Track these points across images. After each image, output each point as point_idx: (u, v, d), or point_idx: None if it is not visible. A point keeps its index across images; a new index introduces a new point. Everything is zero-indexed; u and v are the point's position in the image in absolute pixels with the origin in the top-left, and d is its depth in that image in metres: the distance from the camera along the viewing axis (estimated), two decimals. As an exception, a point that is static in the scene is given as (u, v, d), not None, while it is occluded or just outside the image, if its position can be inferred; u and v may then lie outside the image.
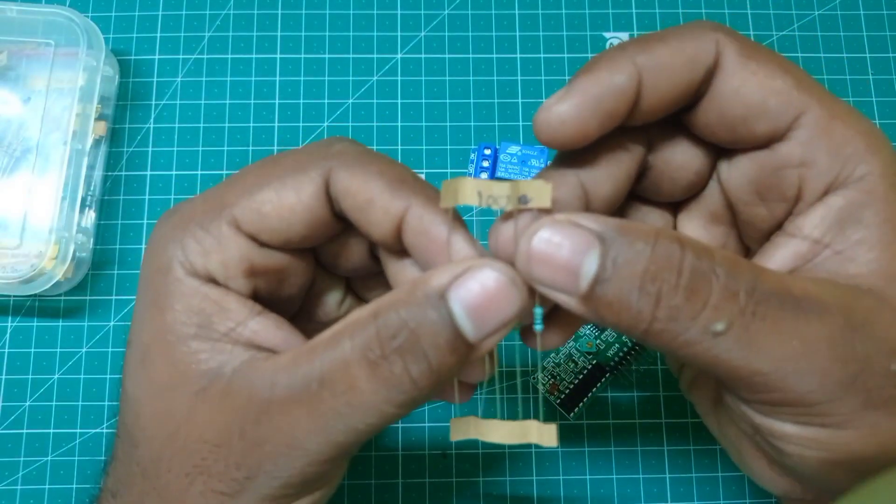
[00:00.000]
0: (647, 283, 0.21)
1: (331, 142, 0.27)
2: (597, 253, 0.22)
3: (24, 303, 0.48)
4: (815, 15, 0.54)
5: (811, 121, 0.24)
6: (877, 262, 0.23)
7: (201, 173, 0.50)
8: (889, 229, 0.23)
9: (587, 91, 0.23)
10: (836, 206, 0.24)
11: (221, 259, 0.25)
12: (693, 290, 0.21)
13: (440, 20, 0.53)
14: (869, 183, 0.24)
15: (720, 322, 0.21)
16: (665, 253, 0.21)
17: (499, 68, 0.52)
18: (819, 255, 0.24)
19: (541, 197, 0.23)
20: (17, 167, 0.47)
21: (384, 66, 0.52)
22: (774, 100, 0.24)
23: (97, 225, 0.49)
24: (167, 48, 0.52)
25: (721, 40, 0.24)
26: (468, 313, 0.23)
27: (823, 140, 0.24)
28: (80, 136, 0.47)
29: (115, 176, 0.50)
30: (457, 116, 0.51)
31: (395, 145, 0.51)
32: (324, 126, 0.51)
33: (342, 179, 0.25)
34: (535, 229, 0.22)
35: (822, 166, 0.24)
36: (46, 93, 0.48)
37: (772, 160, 0.25)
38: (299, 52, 0.52)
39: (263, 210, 0.25)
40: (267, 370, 0.24)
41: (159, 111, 0.51)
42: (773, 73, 0.24)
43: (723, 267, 0.21)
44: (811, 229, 0.24)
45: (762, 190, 0.25)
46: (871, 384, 0.22)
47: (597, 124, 0.23)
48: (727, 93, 0.24)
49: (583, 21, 0.54)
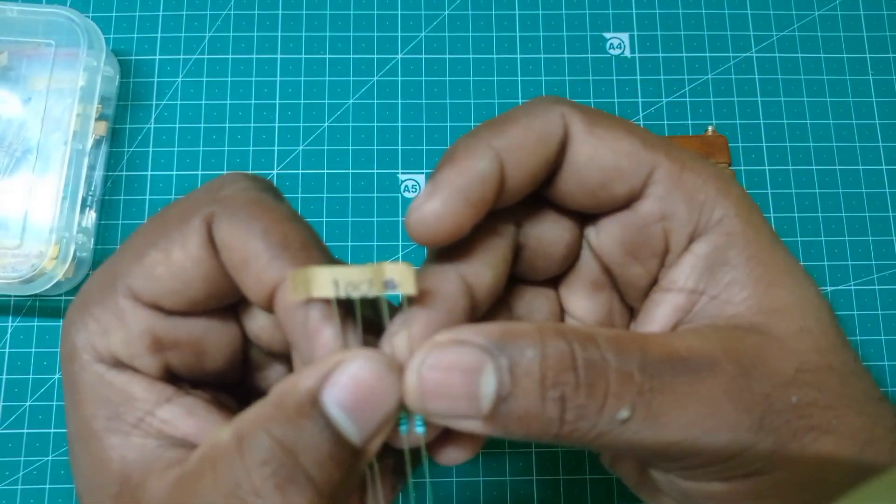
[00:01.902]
0: (548, 390, 0.21)
1: (223, 183, 0.24)
2: (491, 369, 0.20)
3: (25, 303, 0.48)
4: (815, 15, 0.54)
5: (663, 175, 0.24)
6: (751, 298, 0.23)
7: (202, 173, 0.50)
8: (755, 265, 0.24)
9: (454, 183, 0.22)
10: (702, 253, 0.24)
11: (122, 336, 0.23)
12: (592, 385, 0.21)
13: (440, 21, 0.53)
14: (727, 225, 0.24)
15: (624, 409, 0.21)
16: (556, 353, 0.21)
17: (499, 69, 0.52)
18: (697, 303, 0.24)
19: (405, 282, 0.21)
20: (18, 167, 0.47)
21: (384, 66, 0.52)
22: (626, 161, 0.24)
23: (98, 225, 0.49)
24: (168, 48, 0.52)
25: (566, 113, 0.24)
26: (348, 414, 0.21)
27: (678, 192, 0.24)
28: (81, 137, 0.47)
29: (115, 176, 0.50)
30: (457, 117, 0.51)
31: (396, 145, 0.51)
32: (324, 126, 0.51)
33: (222, 230, 0.23)
34: (419, 360, 0.21)
35: (681, 217, 0.24)
36: (47, 93, 0.48)
37: (635, 219, 0.25)
38: (300, 52, 0.52)
39: (155, 273, 0.23)
40: (154, 491, 0.22)
41: (160, 111, 0.51)
42: (620, 136, 0.24)
43: (610, 350, 0.21)
44: (684, 280, 0.24)
45: (632, 249, 0.26)
46: (777, 422, 0.22)
47: (470, 215, 0.23)
48: (582, 161, 0.24)
49: (583, 21, 0.54)
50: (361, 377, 0.21)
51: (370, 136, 0.51)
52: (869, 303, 0.50)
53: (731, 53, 0.54)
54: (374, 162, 0.51)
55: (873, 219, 0.51)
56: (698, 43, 0.54)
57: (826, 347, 0.23)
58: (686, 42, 0.54)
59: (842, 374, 0.23)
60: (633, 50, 0.53)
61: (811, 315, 0.23)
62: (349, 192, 0.50)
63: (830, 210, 0.51)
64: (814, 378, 0.23)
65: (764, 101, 0.53)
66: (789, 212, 0.51)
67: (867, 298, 0.50)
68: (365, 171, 0.50)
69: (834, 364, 0.23)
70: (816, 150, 0.52)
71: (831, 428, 0.22)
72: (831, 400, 0.23)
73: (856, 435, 0.23)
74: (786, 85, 0.53)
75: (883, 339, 0.49)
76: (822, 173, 0.52)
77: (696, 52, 0.53)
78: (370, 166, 0.51)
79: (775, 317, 0.23)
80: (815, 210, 0.51)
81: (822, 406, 0.22)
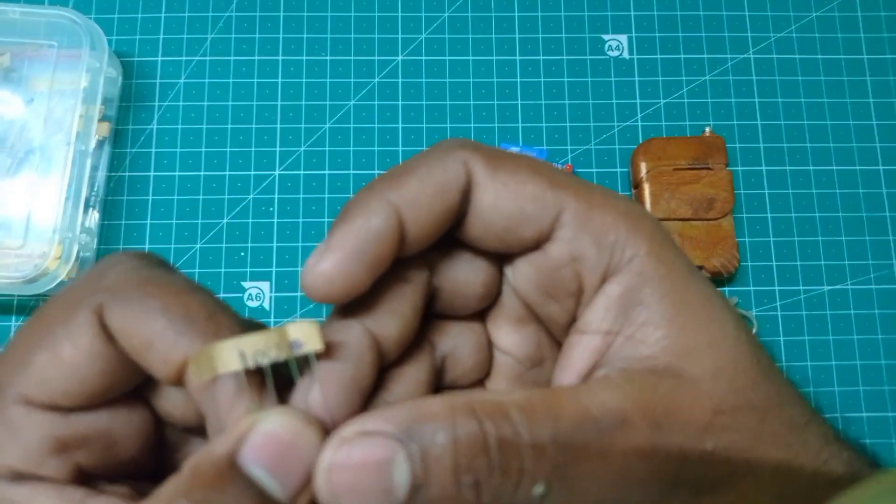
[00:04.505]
0: (462, 476, 0.20)
1: (104, 270, 0.23)
2: (402, 458, 0.20)
3: (28, 303, 0.48)
4: (812, 17, 0.55)
5: (570, 217, 0.24)
6: (665, 338, 0.23)
7: (204, 174, 0.50)
8: (668, 304, 0.23)
9: (346, 243, 0.22)
10: (615, 294, 0.24)
11: (20, 447, 0.22)
12: (506, 465, 0.20)
13: (440, 23, 0.53)
14: (638, 264, 0.24)
15: (539, 485, 0.21)
16: (468, 436, 0.20)
17: (498, 70, 0.53)
18: (613, 344, 0.24)
19: (311, 339, 0.21)
20: (21, 168, 0.48)
21: (385, 67, 0.52)
22: (531, 206, 0.24)
23: (101, 225, 0.49)
24: (170, 50, 0.52)
25: (468, 158, 0.24)
26: (270, 471, 0.20)
27: (586, 233, 0.24)
28: (84, 138, 0.47)
29: (118, 177, 0.50)
30: (457, 118, 0.51)
31: (397, 146, 0.51)
32: (326, 127, 0.51)
33: (116, 318, 0.22)
34: (327, 459, 0.20)
35: (591, 259, 0.24)
36: (49, 94, 0.49)
37: (546, 261, 0.25)
38: (301, 54, 0.53)
39: (46, 376, 0.22)
40: None
41: (162, 112, 0.51)
42: (524, 180, 0.24)
43: (522, 422, 0.21)
44: (599, 322, 0.24)
45: (546, 290, 0.25)
46: (693, 474, 0.22)
47: (365, 274, 0.22)
48: (486, 208, 0.24)
49: (581, 23, 0.54)
50: (278, 433, 0.20)
51: (371, 138, 0.51)
52: (866, 302, 0.50)
53: (729, 55, 0.54)
54: (374, 163, 0.51)
55: (870, 219, 0.52)
56: (696, 44, 0.54)
57: (743, 385, 0.23)
58: (684, 44, 0.54)
59: (760, 410, 0.23)
60: (631, 51, 0.54)
61: (726, 353, 0.23)
62: (350, 193, 0.50)
63: (827, 210, 0.52)
64: (730, 420, 0.22)
65: (761, 102, 0.53)
66: (786, 212, 0.51)
67: (864, 298, 0.50)
68: (366, 172, 0.51)
69: (753, 400, 0.23)
70: (814, 151, 0.52)
71: (750, 469, 0.22)
72: (749, 440, 0.22)
73: (776, 470, 0.23)
74: (783, 86, 0.53)
75: (880, 339, 0.50)
76: (819, 174, 0.52)
77: (694, 53, 0.54)
78: (371, 167, 0.51)
79: (689, 357, 0.23)
80: (812, 210, 0.51)
81: (740, 448, 0.22)
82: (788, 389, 0.24)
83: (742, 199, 0.51)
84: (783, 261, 0.51)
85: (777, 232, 0.51)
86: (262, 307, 0.49)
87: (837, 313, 0.50)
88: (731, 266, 0.48)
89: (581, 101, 0.53)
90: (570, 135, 0.52)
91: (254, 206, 0.50)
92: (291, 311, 0.49)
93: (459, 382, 0.27)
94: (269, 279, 0.49)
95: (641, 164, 0.49)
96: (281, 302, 0.49)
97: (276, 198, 0.50)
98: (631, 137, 0.52)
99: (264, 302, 0.49)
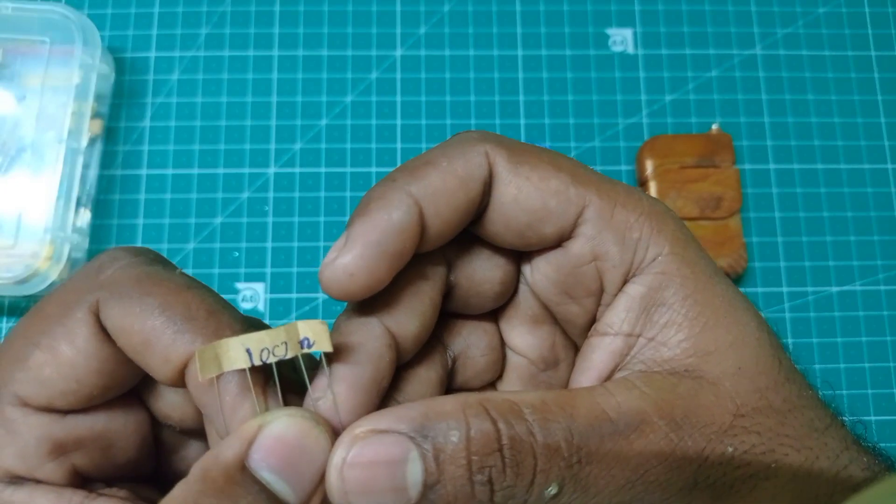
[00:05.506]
0: (475, 474, 0.20)
1: (101, 265, 0.23)
2: (416, 456, 0.20)
3: (19, 304, 0.47)
4: (820, 12, 0.54)
5: (593, 214, 0.23)
6: (687, 340, 0.23)
7: (198, 172, 0.49)
8: (691, 305, 0.23)
9: (367, 237, 0.22)
10: (637, 295, 0.23)
11: (16, 450, 0.22)
12: (519, 464, 0.20)
13: (440, 17, 0.53)
14: (662, 264, 0.23)
15: (552, 486, 0.20)
16: (481, 434, 0.20)
17: (500, 65, 0.52)
18: (634, 346, 0.24)
19: (320, 339, 0.21)
20: (12, 166, 0.47)
21: (383, 63, 0.52)
22: (553, 201, 0.23)
23: (92, 225, 0.48)
24: (163, 45, 0.51)
25: (490, 151, 0.23)
26: (280, 475, 0.20)
27: (609, 231, 0.23)
28: (76, 135, 0.46)
29: (110, 175, 0.49)
30: (457, 114, 0.51)
31: (395, 143, 0.50)
32: (322, 124, 0.50)
33: (113, 316, 0.22)
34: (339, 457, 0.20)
35: (614, 258, 0.23)
36: (41, 91, 0.48)
37: (566, 259, 0.24)
38: (297, 49, 0.52)
39: (43, 376, 0.22)
40: None
41: (155, 109, 0.51)
42: (547, 174, 0.23)
43: (536, 422, 0.20)
44: (620, 324, 0.24)
45: (566, 288, 0.25)
46: (713, 476, 0.21)
47: (386, 268, 0.22)
48: (507, 203, 0.23)
49: (585, 17, 0.53)
50: (286, 436, 0.20)
51: (368, 134, 0.50)
52: (875, 303, 0.49)
53: (736, 51, 0.53)
54: (372, 160, 0.50)
55: (879, 218, 0.51)
56: (702, 40, 0.53)
57: (765, 386, 0.22)
58: (690, 39, 0.53)
59: (781, 412, 0.22)
60: (636, 47, 0.53)
61: (748, 354, 0.23)
62: (347, 192, 0.49)
63: (836, 209, 0.51)
64: (751, 422, 0.22)
65: (769, 98, 0.52)
66: (794, 211, 0.50)
67: (873, 299, 0.49)
68: (363, 170, 0.50)
69: (774, 402, 0.22)
70: (821, 149, 0.52)
71: (770, 473, 0.22)
72: (770, 443, 0.22)
73: (796, 474, 0.22)
74: (791, 83, 0.53)
75: (888, 340, 0.49)
76: (827, 172, 0.51)
77: (700, 49, 0.53)
78: (369, 164, 0.50)
79: (711, 359, 0.23)
80: (820, 209, 0.51)
81: (760, 451, 0.22)
82: (809, 392, 0.24)
83: (749, 198, 0.50)
84: (791, 261, 0.50)
85: (785, 232, 0.50)
86: (256, 309, 0.48)
87: (846, 315, 0.49)
88: (739, 267, 0.48)
89: (585, 97, 0.52)
90: (574, 132, 0.51)
91: (248, 205, 0.49)
92: (287, 312, 0.48)
93: (471, 384, 0.26)
94: (264, 280, 0.48)
95: (647, 162, 0.49)
96: (276, 303, 0.48)
97: (272, 196, 0.49)
98: (636, 135, 0.51)
99: (259, 304, 0.48)
